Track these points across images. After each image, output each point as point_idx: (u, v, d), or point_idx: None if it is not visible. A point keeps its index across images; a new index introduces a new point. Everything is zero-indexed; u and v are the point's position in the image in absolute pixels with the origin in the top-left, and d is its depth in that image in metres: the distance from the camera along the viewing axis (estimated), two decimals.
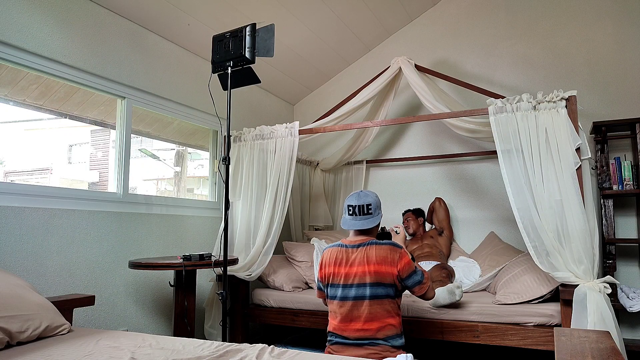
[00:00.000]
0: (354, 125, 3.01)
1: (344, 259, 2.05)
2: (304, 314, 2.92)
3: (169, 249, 3.03)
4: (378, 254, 1.98)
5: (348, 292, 2.00)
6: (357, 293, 1.98)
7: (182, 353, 1.54)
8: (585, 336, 1.38)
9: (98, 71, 2.63)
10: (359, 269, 1.99)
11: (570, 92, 2.33)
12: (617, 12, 3.42)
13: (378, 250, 1.99)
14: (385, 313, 1.97)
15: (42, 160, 2.61)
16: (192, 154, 3.72)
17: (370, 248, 2.01)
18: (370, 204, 2.07)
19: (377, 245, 2.02)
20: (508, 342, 2.39)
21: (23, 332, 1.59)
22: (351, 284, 2.00)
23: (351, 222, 2.08)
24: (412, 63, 3.31)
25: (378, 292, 1.96)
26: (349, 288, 2.00)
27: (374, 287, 1.96)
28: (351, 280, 2.00)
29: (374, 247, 2.01)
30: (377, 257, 1.98)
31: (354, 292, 1.99)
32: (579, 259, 2.19)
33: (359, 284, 1.98)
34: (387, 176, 4.16)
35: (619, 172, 3.06)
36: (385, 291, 1.96)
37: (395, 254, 1.98)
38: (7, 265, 2.12)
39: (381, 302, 1.97)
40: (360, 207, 2.06)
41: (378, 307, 1.96)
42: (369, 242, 2.04)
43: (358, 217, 2.07)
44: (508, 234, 3.56)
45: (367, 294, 1.96)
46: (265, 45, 2.23)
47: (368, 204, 2.06)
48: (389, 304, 1.98)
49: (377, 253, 1.99)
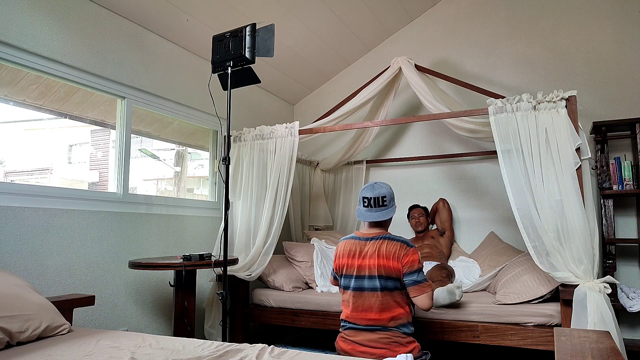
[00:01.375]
0: (354, 125, 3.01)
1: (357, 251, 2.10)
2: (304, 314, 2.92)
3: (169, 249, 3.03)
4: (388, 249, 2.03)
5: (360, 283, 2.06)
6: (369, 285, 2.04)
7: (182, 353, 1.54)
8: (585, 336, 1.38)
9: (98, 71, 2.63)
10: (370, 262, 2.04)
11: (570, 92, 2.33)
12: (617, 12, 3.42)
13: (389, 246, 2.04)
14: (395, 304, 2.03)
15: (42, 160, 2.61)
16: (192, 154, 3.72)
17: (382, 242, 2.06)
18: (385, 196, 2.10)
19: (390, 240, 2.07)
20: (508, 342, 2.38)
21: (23, 332, 1.59)
22: (363, 276, 2.05)
23: (366, 213, 2.12)
24: (412, 63, 3.31)
25: (388, 285, 2.02)
26: (362, 279, 2.06)
27: (383, 280, 2.02)
28: (363, 272, 2.05)
29: (386, 242, 2.06)
30: (387, 251, 2.03)
31: (365, 283, 2.05)
32: (579, 259, 2.19)
33: (370, 275, 2.03)
34: (387, 176, 4.16)
35: (619, 172, 3.06)
36: (394, 284, 2.03)
37: (403, 250, 2.03)
38: (7, 265, 2.12)
39: (391, 294, 2.03)
40: (376, 199, 2.10)
41: (389, 298, 2.02)
42: (382, 236, 2.09)
43: (373, 209, 2.10)
44: (508, 234, 3.56)
45: (379, 285, 2.02)
46: (265, 45, 2.23)
47: (383, 195, 2.10)
48: (398, 295, 2.04)
49: (388, 248, 2.04)
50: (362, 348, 2.01)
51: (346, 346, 2.06)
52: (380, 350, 1.97)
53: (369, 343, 2.00)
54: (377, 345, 1.99)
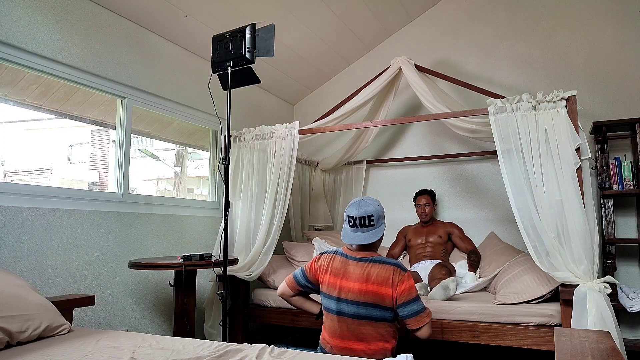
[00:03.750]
0: (354, 125, 3.01)
1: (342, 270, 1.93)
2: (304, 314, 2.91)
3: (169, 249, 3.03)
4: (379, 274, 1.86)
5: (340, 306, 1.90)
6: (350, 310, 1.87)
7: (182, 353, 1.54)
8: (585, 336, 1.38)
9: (98, 71, 2.63)
10: (355, 285, 1.87)
11: (570, 92, 2.33)
12: (617, 12, 3.42)
13: (380, 270, 1.86)
14: (378, 336, 1.86)
15: (42, 160, 2.61)
16: (192, 154, 3.72)
17: (373, 266, 1.88)
18: (372, 215, 1.91)
19: (381, 264, 1.89)
20: (508, 342, 2.38)
21: (23, 332, 1.59)
22: (345, 299, 1.88)
23: (352, 234, 1.94)
24: (412, 63, 3.31)
25: (374, 314, 1.85)
26: (342, 303, 1.89)
27: (369, 308, 1.84)
28: (345, 295, 1.89)
29: (377, 266, 1.88)
30: (377, 277, 1.86)
31: (345, 308, 1.88)
32: (579, 259, 2.19)
33: (354, 301, 1.86)
34: (387, 176, 4.16)
35: (619, 172, 3.06)
36: (381, 314, 1.85)
37: (397, 275, 1.85)
38: (7, 265, 2.12)
39: (376, 324, 1.85)
40: (362, 218, 1.91)
41: (370, 328, 1.85)
42: (372, 258, 1.92)
43: (359, 230, 1.92)
44: (508, 234, 3.56)
45: (362, 313, 1.85)
46: (265, 45, 2.23)
47: (370, 214, 1.91)
48: (384, 327, 1.87)
49: (379, 273, 1.86)
50: None
51: None
52: None
53: None
54: None
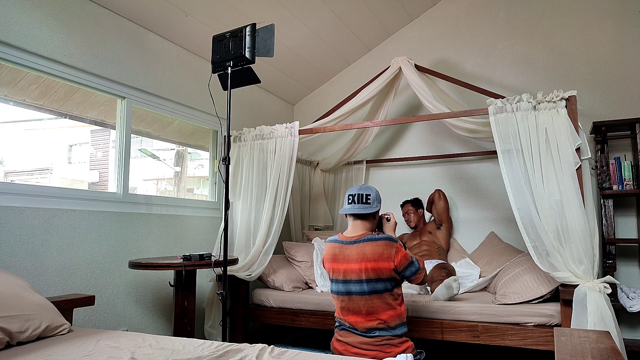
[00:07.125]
0: (354, 125, 3.01)
1: (340, 255, 2.10)
2: (304, 314, 2.92)
3: (169, 249, 3.03)
4: (374, 251, 2.01)
5: (348, 287, 2.06)
6: (357, 289, 2.03)
7: (182, 353, 1.54)
8: (585, 336, 1.38)
9: (98, 71, 2.63)
10: (355, 266, 2.03)
11: (570, 92, 2.33)
12: (617, 12, 3.42)
13: (374, 247, 2.02)
14: (386, 306, 2.02)
15: (42, 160, 2.61)
16: (192, 154, 3.72)
17: (366, 245, 2.04)
18: (370, 195, 2.13)
19: (373, 241, 2.05)
20: (508, 342, 2.38)
21: (23, 332, 1.59)
22: (350, 280, 2.05)
23: (348, 206, 2.15)
24: (412, 63, 3.31)
25: (377, 287, 2.01)
26: (349, 284, 2.05)
27: (372, 283, 2.01)
28: (350, 276, 2.05)
29: (370, 244, 2.04)
30: (373, 253, 2.01)
31: (353, 287, 2.04)
32: (579, 259, 2.19)
33: (357, 280, 2.03)
34: (387, 176, 4.16)
35: (619, 172, 3.06)
36: (383, 285, 2.01)
37: (391, 249, 2.02)
38: (7, 265, 2.12)
39: (381, 296, 2.02)
40: (360, 195, 2.13)
41: (378, 300, 2.01)
42: (365, 238, 2.07)
43: (356, 205, 2.13)
44: (508, 234, 3.56)
45: (366, 289, 2.01)
46: (265, 45, 2.23)
47: (368, 194, 2.13)
48: (389, 296, 2.03)
49: (374, 250, 2.02)
50: (355, 350, 2.01)
51: (340, 347, 2.07)
52: (373, 353, 1.96)
53: (361, 345, 2.00)
54: (369, 347, 1.99)
